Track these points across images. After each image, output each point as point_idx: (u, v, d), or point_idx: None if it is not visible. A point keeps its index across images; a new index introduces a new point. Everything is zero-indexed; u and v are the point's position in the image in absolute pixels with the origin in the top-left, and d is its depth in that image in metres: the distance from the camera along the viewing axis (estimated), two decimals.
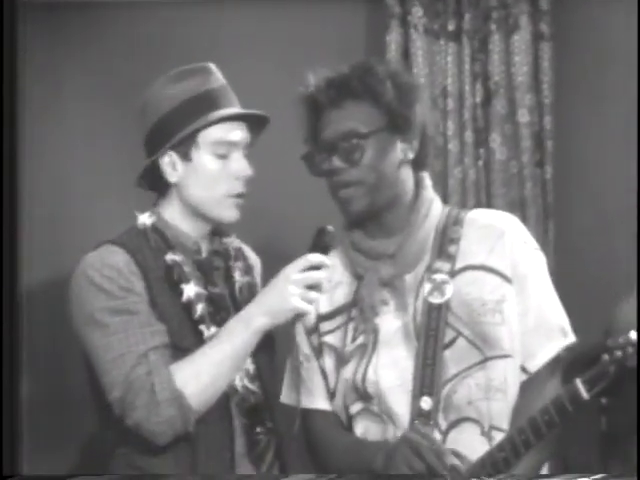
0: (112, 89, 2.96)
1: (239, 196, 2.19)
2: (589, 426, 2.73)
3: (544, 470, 2.16)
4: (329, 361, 2.17)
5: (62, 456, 2.88)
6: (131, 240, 2.18)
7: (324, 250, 2.10)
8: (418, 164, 2.19)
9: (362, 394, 2.11)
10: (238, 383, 2.16)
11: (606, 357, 1.98)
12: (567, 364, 2.19)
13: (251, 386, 2.18)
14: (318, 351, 2.19)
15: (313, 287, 2.08)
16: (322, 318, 2.19)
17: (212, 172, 2.17)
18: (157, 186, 2.24)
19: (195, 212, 2.20)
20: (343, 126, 2.09)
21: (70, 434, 2.90)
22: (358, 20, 3.19)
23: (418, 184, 2.18)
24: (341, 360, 2.15)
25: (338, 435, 2.17)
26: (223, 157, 2.18)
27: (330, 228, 2.11)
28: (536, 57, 3.12)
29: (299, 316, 2.11)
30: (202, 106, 2.17)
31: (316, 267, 2.08)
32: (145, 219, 2.22)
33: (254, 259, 2.39)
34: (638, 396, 2.20)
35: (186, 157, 2.18)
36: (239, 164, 2.18)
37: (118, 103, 2.88)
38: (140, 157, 2.25)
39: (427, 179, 2.21)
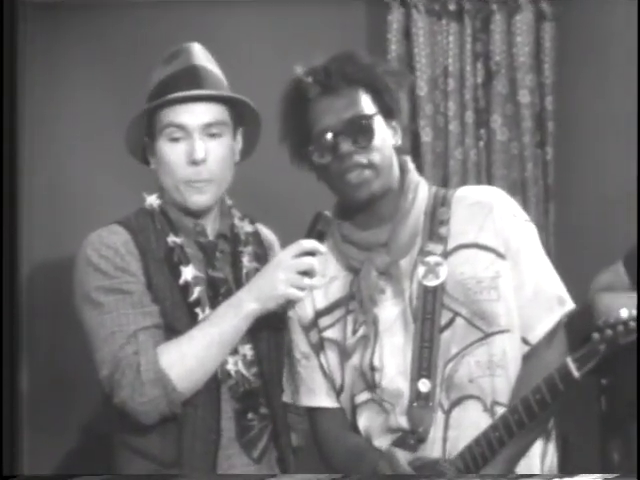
0: (112, 86, 2.96)
1: (197, 181, 2.16)
2: (589, 406, 2.76)
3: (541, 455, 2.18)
4: (332, 356, 2.17)
5: (62, 455, 2.90)
6: (137, 221, 2.20)
7: (320, 236, 2.09)
8: (400, 149, 2.19)
9: (370, 383, 2.12)
10: (232, 368, 2.16)
11: (596, 336, 1.99)
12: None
13: (246, 372, 2.18)
14: (318, 347, 2.18)
15: (306, 273, 2.07)
16: (320, 314, 2.18)
17: (166, 159, 2.16)
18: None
19: (170, 199, 2.20)
20: (348, 110, 2.08)
21: (71, 430, 2.92)
22: (359, 1, 3.18)
23: (402, 168, 2.18)
24: (344, 354, 2.15)
25: (343, 436, 2.17)
26: (176, 141, 2.14)
27: (327, 214, 2.10)
28: (538, 37, 3.12)
29: (291, 302, 2.11)
30: (158, 93, 2.16)
31: (310, 253, 2.08)
32: (152, 200, 2.23)
33: (272, 244, 2.37)
34: (638, 381, 2.21)
35: (152, 146, 2.19)
36: (188, 148, 2.14)
37: (118, 97, 2.88)
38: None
39: (409, 162, 2.21)
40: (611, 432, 2.79)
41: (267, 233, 2.38)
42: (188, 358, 2.07)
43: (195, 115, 2.15)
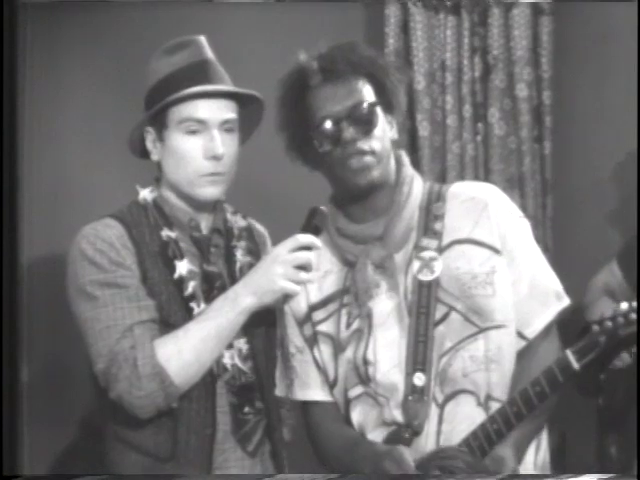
0: (112, 86, 2.97)
1: (213, 175, 2.16)
2: (587, 402, 2.76)
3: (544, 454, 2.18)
4: (325, 349, 2.17)
5: (62, 455, 2.92)
6: (131, 214, 2.20)
7: (315, 231, 2.10)
8: (396, 143, 2.19)
9: (363, 377, 2.13)
10: (228, 362, 2.17)
11: (596, 327, 2.00)
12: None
13: (242, 366, 2.19)
14: (312, 341, 2.18)
15: (302, 267, 2.08)
16: (313, 307, 2.18)
17: (181, 151, 2.16)
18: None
19: (176, 190, 2.20)
20: (352, 98, 2.09)
21: (71, 430, 2.93)
22: None
23: (398, 162, 2.18)
24: (338, 347, 2.15)
25: (337, 429, 2.18)
26: (194, 134, 2.15)
27: (323, 209, 2.11)
28: (535, 31, 3.11)
29: (287, 296, 2.12)
30: (172, 85, 2.15)
31: (306, 247, 2.08)
32: (146, 194, 2.23)
33: (264, 239, 2.38)
34: (638, 382, 2.20)
35: (160, 136, 2.18)
36: (208, 143, 2.15)
37: (118, 97, 2.89)
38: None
39: (404, 156, 2.21)
40: (609, 428, 2.79)
41: (259, 228, 2.39)
42: (185, 352, 2.07)
43: (215, 110, 2.15)
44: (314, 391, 2.19)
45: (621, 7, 2.94)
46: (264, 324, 2.21)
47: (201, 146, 2.15)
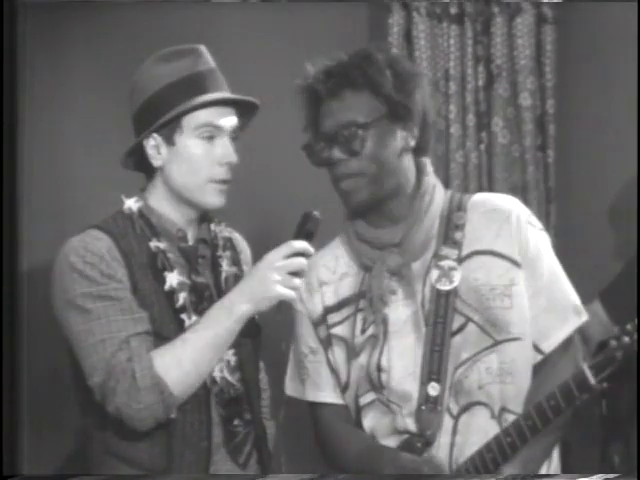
0: (112, 86, 2.95)
1: (223, 182, 2.15)
2: (590, 409, 2.76)
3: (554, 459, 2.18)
4: (339, 353, 2.16)
5: (62, 455, 2.88)
6: (116, 225, 2.16)
7: (308, 236, 2.06)
8: (419, 151, 2.17)
9: (375, 384, 2.11)
10: (217, 374, 2.14)
11: (614, 343, 1.99)
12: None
13: (230, 378, 2.17)
14: (327, 343, 2.17)
15: (296, 273, 2.04)
16: (329, 310, 2.18)
17: (195, 157, 2.14)
18: (144, 168, 2.21)
19: (179, 197, 2.17)
20: (343, 116, 2.07)
21: (71, 430, 2.88)
22: (360, 3, 3.18)
23: (420, 170, 2.17)
24: (352, 352, 2.14)
25: (350, 433, 2.16)
26: (208, 140, 2.14)
27: (315, 213, 2.07)
28: (539, 40, 3.12)
29: (282, 303, 2.09)
30: (187, 90, 2.14)
31: (299, 253, 2.05)
32: (131, 204, 2.19)
33: (244, 248, 2.36)
34: (638, 385, 2.21)
35: (170, 141, 2.15)
36: (223, 150, 2.14)
37: (118, 97, 2.87)
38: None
39: (429, 165, 2.20)
40: (612, 435, 2.79)
41: (238, 237, 2.37)
42: (184, 362, 2.04)
43: (229, 118, 2.16)
44: (326, 393, 2.19)
45: (623, 15, 2.95)
46: (250, 335, 2.18)
47: (216, 152, 2.14)
